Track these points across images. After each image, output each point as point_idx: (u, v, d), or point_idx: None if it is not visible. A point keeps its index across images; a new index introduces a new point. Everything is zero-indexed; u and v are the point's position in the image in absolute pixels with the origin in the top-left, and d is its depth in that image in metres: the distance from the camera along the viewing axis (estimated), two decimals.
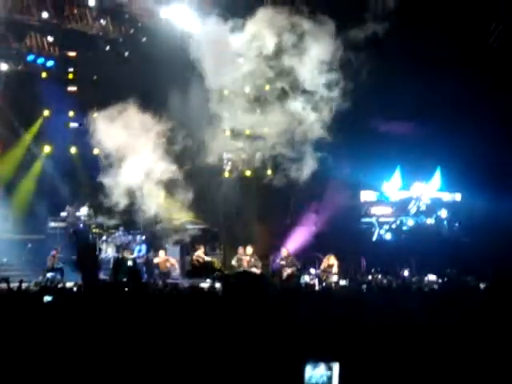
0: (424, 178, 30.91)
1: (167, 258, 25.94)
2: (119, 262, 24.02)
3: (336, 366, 4.37)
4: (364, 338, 6.25)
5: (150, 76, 25.77)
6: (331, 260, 24.67)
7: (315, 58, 24.50)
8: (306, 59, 24.66)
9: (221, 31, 24.29)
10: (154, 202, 26.04)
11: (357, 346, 5.88)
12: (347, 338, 6.24)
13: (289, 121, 25.43)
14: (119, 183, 25.26)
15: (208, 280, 23.54)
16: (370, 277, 23.42)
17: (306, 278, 23.63)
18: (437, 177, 30.93)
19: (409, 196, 30.91)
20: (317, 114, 25.12)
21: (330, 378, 4.28)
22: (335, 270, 24.55)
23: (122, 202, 25.37)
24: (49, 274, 23.92)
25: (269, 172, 28.21)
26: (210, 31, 24.44)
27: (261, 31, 24.39)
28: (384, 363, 5.30)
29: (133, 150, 25.35)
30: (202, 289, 15.26)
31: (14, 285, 14.59)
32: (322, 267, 24.85)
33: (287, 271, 24.73)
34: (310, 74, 24.75)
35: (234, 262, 25.84)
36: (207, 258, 26.67)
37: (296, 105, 25.42)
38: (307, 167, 25.69)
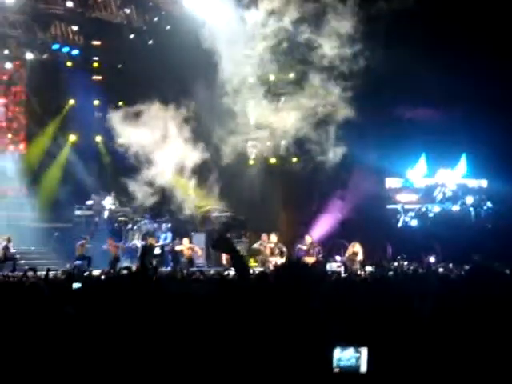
0: (449, 165, 30.84)
1: (191, 246, 25.86)
2: (147, 250, 24.05)
3: (364, 351, 4.41)
4: (391, 324, 6.27)
5: (174, 64, 25.74)
6: (356, 247, 24.53)
7: (336, 34, 24.08)
8: (327, 35, 24.28)
9: (238, 13, 24.14)
10: (180, 191, 26.06)
11: (384, 332, 5.91)
12: (374, 323, 6.26)
13: (312, 103, 25.22)
14: (145, 174, 25.22)
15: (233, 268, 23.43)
16: (395, 263, 23.36)
17: (333, 266, 23.57)
18: (462, 163, 30.83)
19: (434, 183, 30.86)
20: (340, 94, 24.80)
21: (358, 359, 4.34)
22: (360, 257, 24.43)
23: (148, 193, 25.34)
24: (77, 262, 24.09)
25: (294, 159, 28.15)
26: (228, 16, 24.29)
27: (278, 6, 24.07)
28: (411, 349, 5.31)
29: (157, 142, 25.28)
30: (228, 276, 15.25)
31: (41, 273, 14.68)
32: (346, 254, 24.77)
33: (309, 259, 24.52)
34: (332, 51, 24.32)
35: (256, 246, 25.83)
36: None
37: (318, 83, 25.10)
38: (332, 154, 25.56)
